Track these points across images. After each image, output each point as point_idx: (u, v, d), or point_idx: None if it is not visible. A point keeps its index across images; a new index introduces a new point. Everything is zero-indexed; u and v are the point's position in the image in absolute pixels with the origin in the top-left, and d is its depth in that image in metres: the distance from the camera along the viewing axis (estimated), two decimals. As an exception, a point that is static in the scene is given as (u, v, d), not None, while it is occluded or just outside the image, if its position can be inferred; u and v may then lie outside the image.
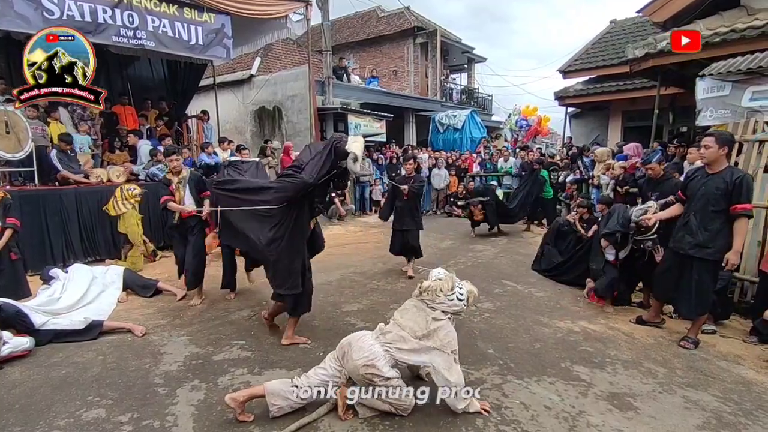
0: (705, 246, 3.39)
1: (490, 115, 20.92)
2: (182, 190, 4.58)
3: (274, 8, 8.08)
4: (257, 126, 12.95)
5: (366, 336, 2.68)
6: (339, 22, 20.59)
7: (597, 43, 13.25)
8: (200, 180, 4.75)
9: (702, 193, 3.44)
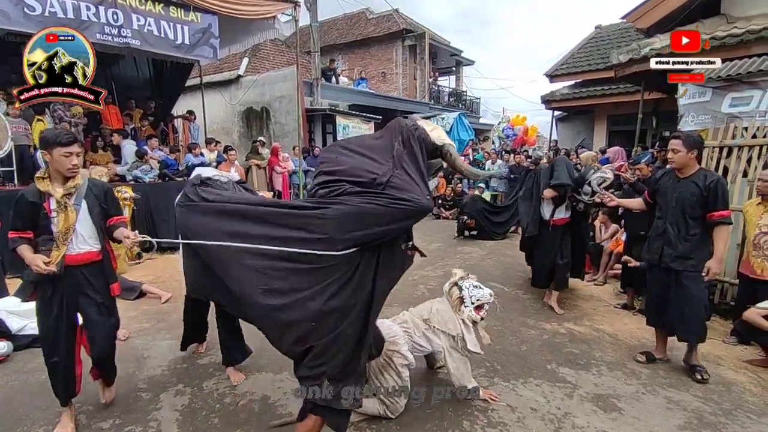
0: (687, 257, 3.16)
1: (477, 118, 21.11)
2: (71, 211, 2.42)
3: (262, 8, 8.02)
4: (245, 127, 12.85)
5: (385, 322, 2.80)
6: (327, 23, 20.55)
7: (583, 48, 13.47)
8: (108, 194, 2.63)
9: (676, 200, 3.21)
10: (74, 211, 2.42)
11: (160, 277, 5.82)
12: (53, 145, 2.33)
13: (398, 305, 4.65)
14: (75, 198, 2.44)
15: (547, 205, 4.50)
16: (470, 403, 2.83)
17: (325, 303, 1.87)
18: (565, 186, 4.27)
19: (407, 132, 2.05)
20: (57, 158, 2.34)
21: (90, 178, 2.59)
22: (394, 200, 1.84)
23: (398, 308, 4.54)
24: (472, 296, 2.83)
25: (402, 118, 2.20)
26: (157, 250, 7.03)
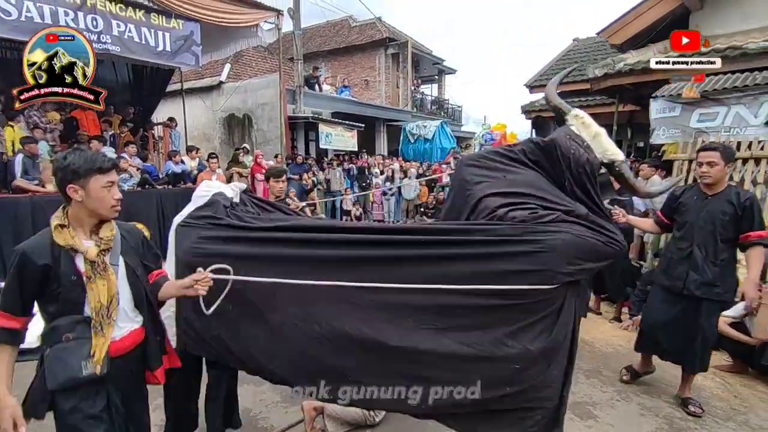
0: (713, 284, 2.82)
1: (459, 126, 21.38)
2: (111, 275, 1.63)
3: (245, 16, 8.03)
4: (226, 133, 12.75)
5: None
6: (311, 31, 20.60)
7: (561, 60, 13.80)
8: (146, 243, 1.94)
9: (705, 220, 2.84)
10: (114, 275, 1.64)
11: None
12: (89, 174, 1.53)
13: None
14: (111, 254, 1.65)
15: None
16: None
17: (532, 342, 1.60)
18: None
19: (577, 169, 1.83)
20: (95, 192, 1.55)
21: (118, 222, 1.76)
22: (610, 239, 1.68)
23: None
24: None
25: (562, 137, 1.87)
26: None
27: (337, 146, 12.54)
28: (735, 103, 4.74)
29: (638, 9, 6.96)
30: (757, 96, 4.62)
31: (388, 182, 11.72)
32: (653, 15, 6.83)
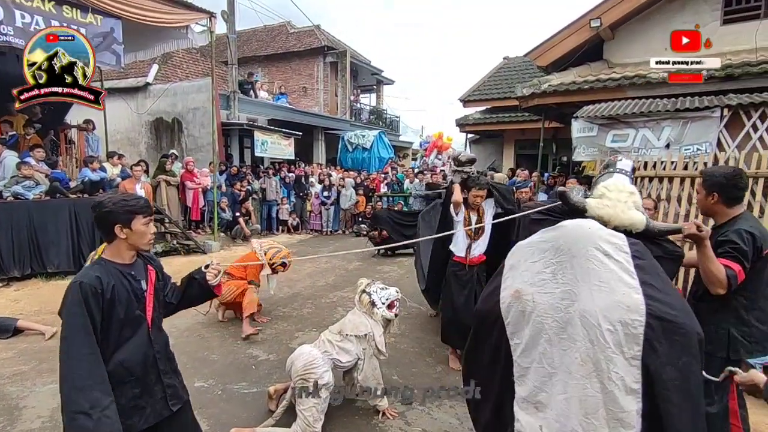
0: None
1: (397, 136, 21.75)
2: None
3: (173, 17, 7.59)
4: (154, 138, 11.97)
5: (305, 347, 2.97)
6: (246, 34, 20.00)
7: (493, 77, 14.56)
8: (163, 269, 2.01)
9: None
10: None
11: (44, 308, 5.14)
12: (134, 215, 1.76)
13: (315, 329, 4.58)
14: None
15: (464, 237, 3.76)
16: (386, 430, 2.85)
17: None
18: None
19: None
20: (138, 231, 1.78)
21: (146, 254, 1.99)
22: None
23: (315, 332, 4.48)
24: (381, 297, 3.09)
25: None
26: (43, 275, 6.23)
27: (273, 154, 12.22)
28: (642, 126, 5.24)
29: (558, 36, 7.52)
30: (658, 121, 5.14)
31: (326, 191, 11.61)
32: (571, 42, 7.41)
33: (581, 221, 1.80)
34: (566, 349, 1.61)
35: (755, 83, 5.42)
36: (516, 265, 1.83)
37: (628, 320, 1.51)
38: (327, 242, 10.40)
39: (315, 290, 6.18)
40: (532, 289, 1.70)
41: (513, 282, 1.78)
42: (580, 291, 1.60)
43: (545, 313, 1.65)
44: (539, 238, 1.79)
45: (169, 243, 8.32)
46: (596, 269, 1.60)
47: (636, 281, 1.57)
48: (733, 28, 6.31)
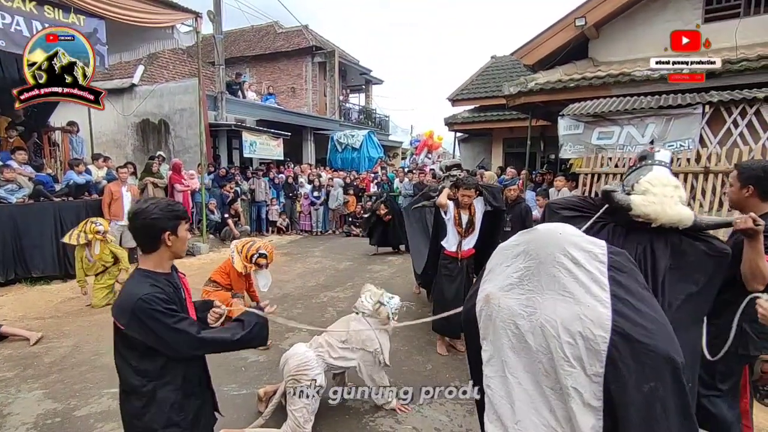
0: None
1: (387, 135, 21.75)
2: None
3: (158, 17, 7.50)
4: (140, 140, 11.82)
5: (300, 346, 2.95)
6: (234, 34, 19.86)
7: (480, 76, 14.63)
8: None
9: None
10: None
11: (28, 314, 5.06)
12: (180, 221, 1.69)
13: (306, 330, 4.57)
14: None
15: (454, 234, 4.03)
16: (377, 429, 2.86)
17: None
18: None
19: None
20: (183, 238, 1.72)
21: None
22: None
23: (306, 333, 4.47)
24: (392, 308, 3.13)
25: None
26: (28, 280, 6.13)
27: (261, 155, 12.15)
28: (626, 123, 5.32)
29: (544, 35, 7.60)
30: (643, 118, 5.23)
31: (316, 192, 11.57)
32: (557, 41, 7.49)
33: (554, 225, 1.70)
34: (529, 359, 1.54)
35: (736, 80, 5.52)
36: (494, 268, 1.76)
37: (590, 335, 1.42)
38: (317, 243, 10.37)
39: (305, 291, 6.16)
40: (500, 293, 1.64)
41: (488, 285, 1.72)
42: (544, 299, 1.53)
43: (508, 320, 1.58)
44: (515, 241, 1.70)
45: (157, 246, 8.23)
46: (562, 277, 1.51)
47: (606, 294, 1.46)
48: (714, 26, 6.42)
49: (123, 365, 1.64)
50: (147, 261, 1.69)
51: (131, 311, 1.54)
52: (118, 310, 1.58)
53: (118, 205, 6.59)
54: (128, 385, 1.63)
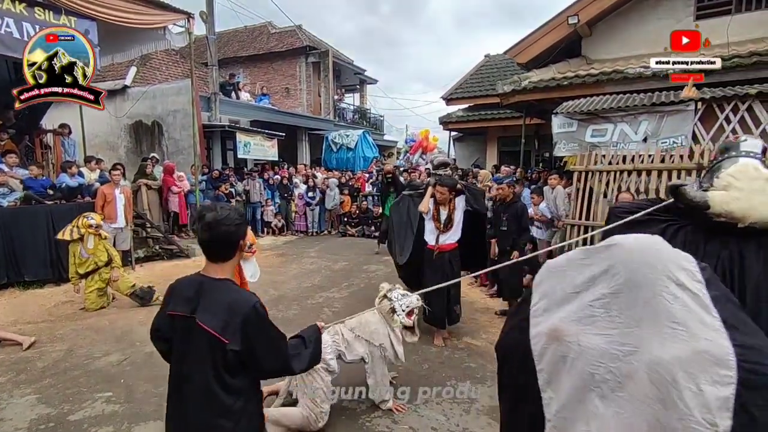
0: None
1: (382, 135, 21.74)
2: None
3: (150, 18, 7.45)
4: (133, 142, 11.75)
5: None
6: (227, 35, 19.79)
7: (474, 75, 14.65)
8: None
9: None
10: None
11: (21, 318, 5.01)
12: (247, 226, 1.69)
13: (303, 332, 4.55)
14: None
15: (433, 230, 4.31)
16: (373, 429, 2.85)
17: None
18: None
19: None
20: (245, 243, 1.69)
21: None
22: None
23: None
24: (402, 305, 3.06)
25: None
26: (20, 284, 6.08)
27: (256, 156, 12.11)
28: (620, 120, 5.34)
29: (537, 33, 7.61)
30: (636, 115, 5.24)
31: (311, 192, 11.55)
32: (550, 39, 7.51)
33: (646, 238, 1.35)
34: (626, 411, 1.19)
35: (728, 77, 5.56)
36: (549, 292, 1.42)
37: (716, 377, 1.09)
38: (312, 243, 10.34)
39: (301, 292, 6.14)
40: (576, 327, 1.29)
41: (548, 315, 1.39)
42: (647, 334, 1.19)
43: (597, 362, 1.24)
44: (583, 256, 1.38)
45: (151, 248, 8.19)
46: (668, 306, 1.19)
47: (718, 322, 1.17)
48: (705, 23, 6.45)
49: (215, 385, 1.50)
50: (224, 269, 1.61)
51: (243, 320, 1.48)
52: (220, 323, 1.48)
53: (111, 208, 6.53)
54: (219, 405, 1.51)
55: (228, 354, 1.48)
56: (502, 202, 5.33)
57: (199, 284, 1.58)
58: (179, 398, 1.59)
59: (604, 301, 1.27)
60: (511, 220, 5.07)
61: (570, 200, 5.71)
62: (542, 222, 6.20)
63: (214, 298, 1.53)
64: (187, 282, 1.63)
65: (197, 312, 1.51)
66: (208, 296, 1.54)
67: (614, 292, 1.26)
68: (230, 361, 1.50)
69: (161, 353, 1.75)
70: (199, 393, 1.52)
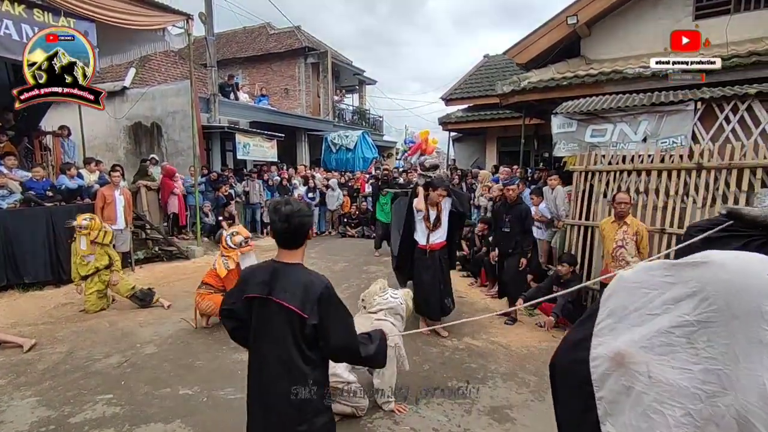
0: None
1: (381, 136, 21.74)
2: None
3: (149, 19, 7.44)
4: (133, 143, 11.74)
5: None
6: (226, 36, 19.79)
7: (474, 75, 14.65)
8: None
9: None
10: None
11: (21, 320, 5.00)
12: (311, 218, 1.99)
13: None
14: None
15: (423, 229, 4.59)
16: (374, 430, 2.85)
17: None
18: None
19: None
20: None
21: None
22: None
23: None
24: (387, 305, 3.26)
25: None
26: (20, 286, 6.06)
27: (255, 157, 12.10)
28: (619, 120, 5.33)
29: (536, 33, 7.60)
30: (635, 115, 5.23)
31: (311, 193, 11.54)
32: (549, 40, 7.49)
33: (747, 256, 1.13)
34: None
35: (727, 77, 5.55)
36: (618, 310, 1.23)
37: None
38: (313, 244, 10.33)
39: (301, 292, 6.13)
40: (646, 355, 1.12)
41: (614, 336, 1.21)
42: (741, 375, 0.98)
43: (671, 401, 1.06)
44: (666, 272, 1.16)
45: (151, 249, 8.18)
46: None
47: None
48: (704, 23, 6.45)
49: (296, 355, 1.69)
50: (295, 255, 1.79)
51: (318, 298, 1.67)
52: (299, 301, 1.66)
53: (110, 209, 6.52)
54: (298, 374, 1.69)
55: (307, 328, 1.66)
56: (505, 203, 5.32)
57: (273, 269, 1.75)
58: (260, 371, 1.76)
59: (687, 329, 1.07)
60: (515, 221, 5.05)
61: (569, 200, 5.71)
62: (542, 222, 6.21)
63: (290, 280, 1.71)
64: (261, 268, 1.82)
65: (273, 293, 1.69)
66: (283, 278, 1.72)
67: (703, 321, 1.06)
68: (308, 335, 1.68)
69: (229, 331, 1.92)
70: (279, 364, 1.69)
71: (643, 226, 4.39)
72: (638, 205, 4.85)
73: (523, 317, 5.20)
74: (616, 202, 4.34)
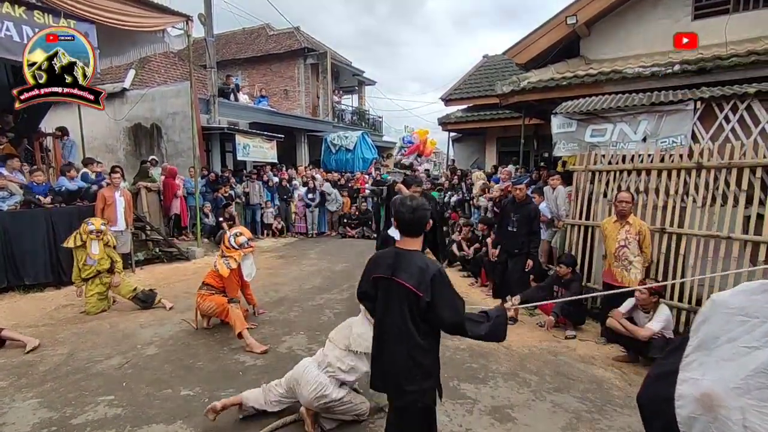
0: None
1: (380, 136, 21.75)
2: None
3: (148, 20, 7.45)
4: (132, 144, 11.74)
5: (309, 368, 2.87)
6: (225, 37, 19.80)
7: (473, 75, 14.67)
8: None
9: None
10: None
11: (22, 322, 5.00)
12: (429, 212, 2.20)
13: (303, 332, 4.56)
14: None
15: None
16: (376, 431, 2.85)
17: None
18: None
19: None
20: None
21: None
22: None
23: (303, 336, 4.46)
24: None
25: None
26: (20, 288, 6.07)
27: (255, 158, 12.11)
28: (619, 120, 5.34)
29: (536, 33, 7.61)
30: (635, 115, 5.24)
31: (310, 194, 11.54)
32: (549, 40, 7.51)
33: None
34: None
35: (726, 76, 5.56)
36: (710, 340, 1.07)
37: None
38: (313, 245, 10.34)
39: (301, 293, 6.13)
40: (739, 400, 0.96)
41: (702, 372, 1.06)
42: None
43: None
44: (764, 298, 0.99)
45: (151, 250, 8.18)
46: None
47: None
48: (703, 23, 6.47)
49: (414, 329, 1.99)
50: (415, 243, 2.12)
51: (431, 279, 1.95)
52: (416, 281, 1.96)
53: (111, 211, 6.52)
54: (414, 342, 2.00)
55: (421, 304, 1.95)
56: (513, 201, 5.28)
57: (396, 254, 2.08)
58: (383, 339, 2.09)
59: None
60: (522, 221, 5.02)
61: (570, 200, 5.72)
62: (543, 222, 6.21)
63: (409, 263, 2.01)
64: (386, 254, 2.15)
65: (395, 274, 2.01)
66: (404, 262, 2.03)
67: None
68: (422, 310, 1.97)
69: (369, 310, 2.35)
70: (399, 333, 2.01)
71: (645, 226, 4.39)
72: (638, 205, 4.86)
73: (523, 317, 5.20)
74: (618, 201, 4.35)
